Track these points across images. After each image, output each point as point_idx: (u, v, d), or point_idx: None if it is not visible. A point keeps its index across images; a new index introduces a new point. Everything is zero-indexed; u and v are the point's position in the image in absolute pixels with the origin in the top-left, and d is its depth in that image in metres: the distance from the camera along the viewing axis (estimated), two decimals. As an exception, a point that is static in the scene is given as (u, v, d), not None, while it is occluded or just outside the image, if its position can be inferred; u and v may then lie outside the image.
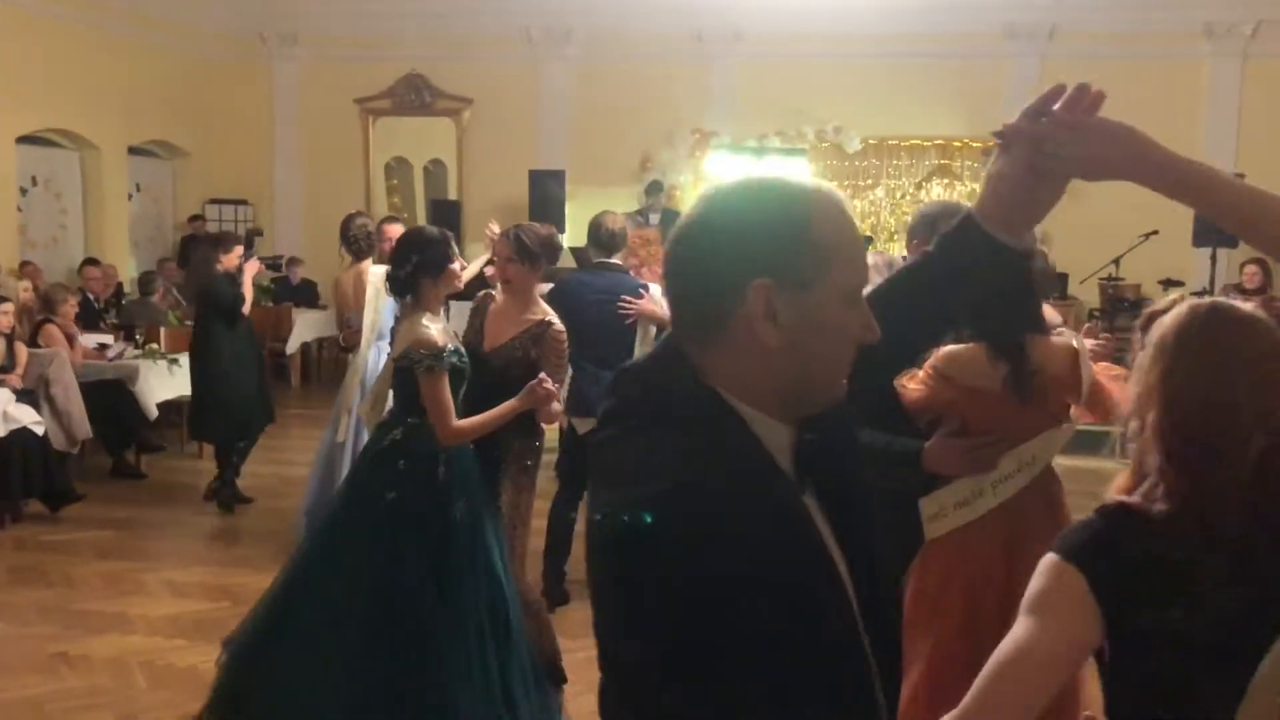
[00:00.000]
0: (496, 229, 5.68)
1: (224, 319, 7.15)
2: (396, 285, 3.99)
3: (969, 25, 12.29)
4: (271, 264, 8.86)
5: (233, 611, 5.35)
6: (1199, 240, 10.81)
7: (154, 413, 7.98)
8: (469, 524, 3.88)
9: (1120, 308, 10.95)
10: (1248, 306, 1.88)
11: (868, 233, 12.11)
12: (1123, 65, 11.95)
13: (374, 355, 5.96)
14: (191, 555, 6.28)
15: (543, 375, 3.96)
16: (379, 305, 5.98)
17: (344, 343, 6.57)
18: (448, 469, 3.89)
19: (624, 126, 13.06)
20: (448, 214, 11.48)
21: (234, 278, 7.20)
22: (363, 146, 14.01)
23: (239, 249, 7.38)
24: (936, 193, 12.69)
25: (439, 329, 3.93)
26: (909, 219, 3.48)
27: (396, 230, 6.31)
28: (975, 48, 12.35)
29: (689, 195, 12.45)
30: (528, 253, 4.12)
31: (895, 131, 12.72)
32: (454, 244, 4.15)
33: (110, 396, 7.82)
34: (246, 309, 7.26)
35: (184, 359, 8.04)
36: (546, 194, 11.89)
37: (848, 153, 12.69)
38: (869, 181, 12.79)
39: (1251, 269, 9.28)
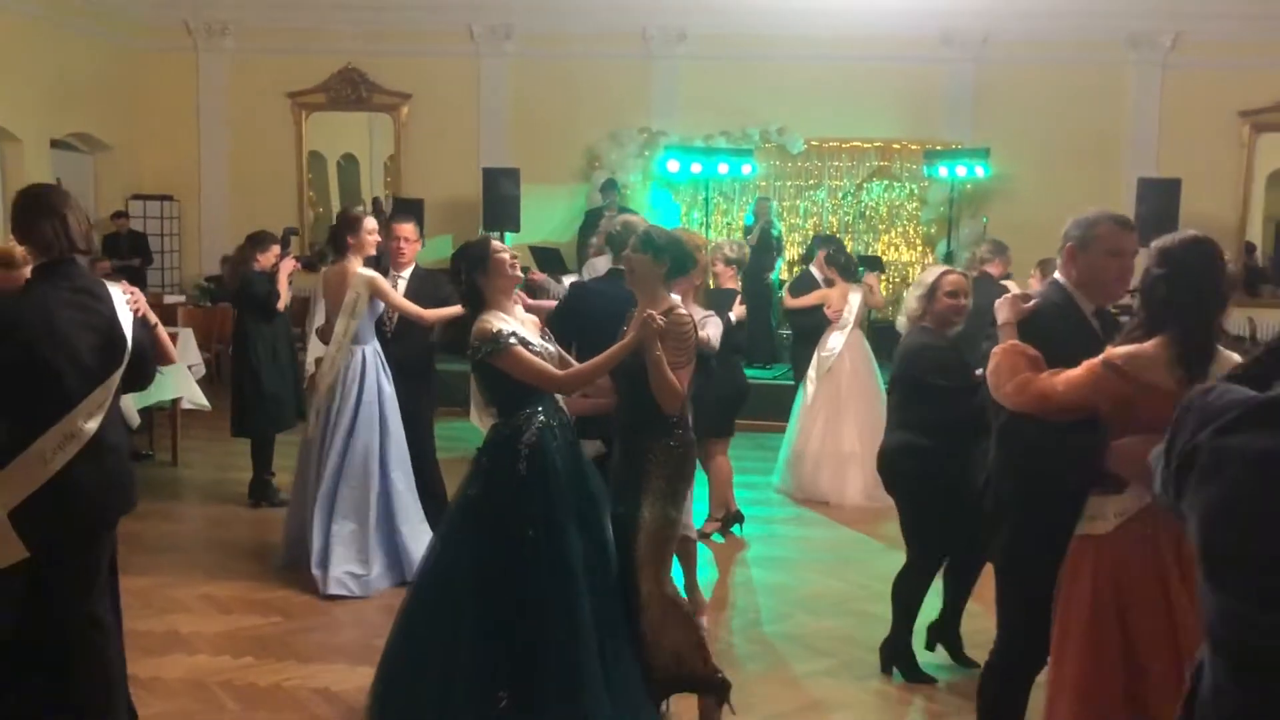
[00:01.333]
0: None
1: (260, 315, 7.29)
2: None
3: (907, 30, 12.64)
4: (308, 262, 8.74)
5: (288, 626, 5.25)
6: (1143, 239, 11.33)
7: (136, 419, 7.68)
8: (552, 524, 3.86)
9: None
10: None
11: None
12: (1051, 71, 12.52)
13: (354, 359, 5.76)
14: (216, 568, 6.07)
15: (652, 313, 3.91)
16: (359, 309, 5.70)
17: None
18: (529, 465, 3.89)
19: (568, 124, 13.07)
20: (411, 212, 11.26)
21: (270, 275, 7.28)
22: (295, 141, 13.67)
23: (275, 248, 7.45)
24: (877, 193, 13.03)
25: (499, 319, 3.94)
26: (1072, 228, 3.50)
27: (410, 230, 6.17)
28: (913, 52, 12.71)
29: (639, 194, 12.52)
30: (654, 246, 4.10)
31: (836, 133, 13.02)
32: (493, 243, 4.18)
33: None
34: (282, 305, 7.31)
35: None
36: (500, 192, 11.80)
37: (792, 154, 12.91)
38: (812, 182, 13.04)
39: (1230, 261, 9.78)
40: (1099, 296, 3.46)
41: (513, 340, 3.88)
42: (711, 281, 7.03)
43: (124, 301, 3.57)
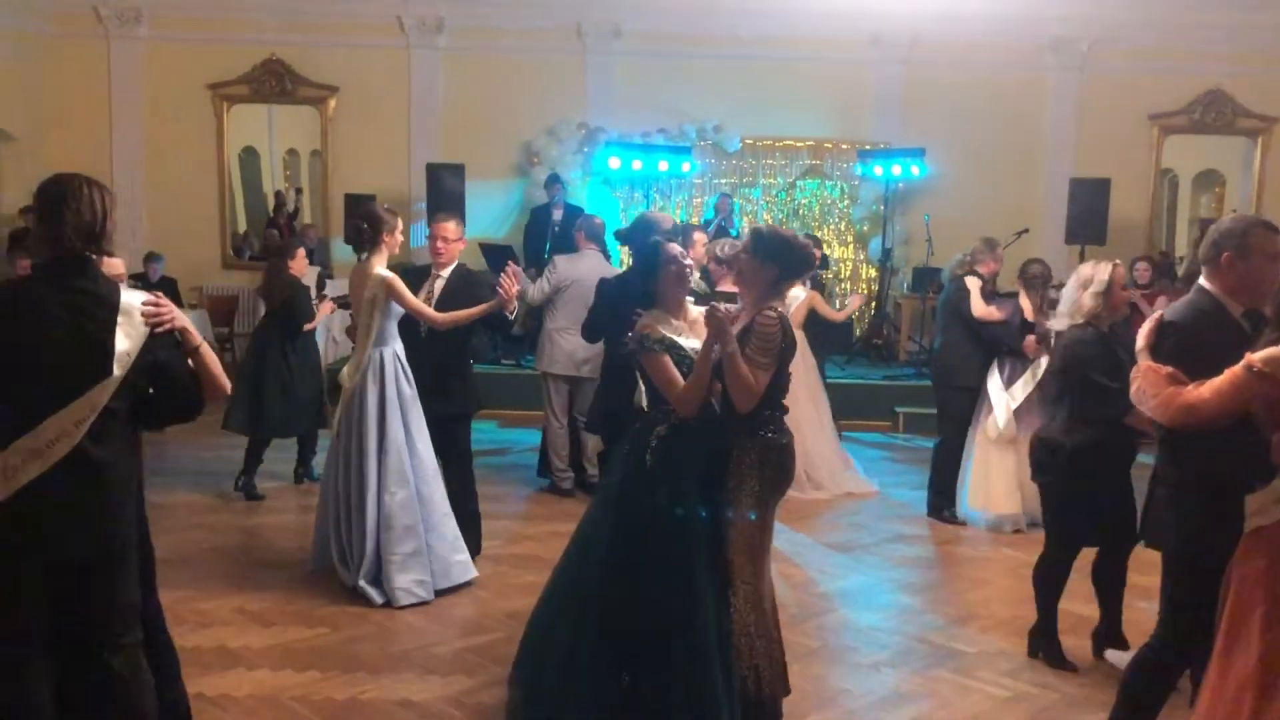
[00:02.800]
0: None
1: (294, 328, 7.55)
2: (648, 301, 4.14)
3: (837, 32, 12.89)
4: (342, 303, 8.59)
5: (338, 637, 5.09)
6: (1071, 238, 11.83)
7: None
8: (668, 516, 3.91)
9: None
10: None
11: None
12: (978, 74, 12.93)
13: (373, 362, 5.60)
14: (239, 579, 5.80)
15: (723, 306, 3.95)
16: (381, 309, 5.54)
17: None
18: (654, 458, 3.96)
19: (503, 119, 12.94)
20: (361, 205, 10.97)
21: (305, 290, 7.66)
22: (216, 134, 13.18)
23: (301, 251, 7.71)
24: (810, 191, 13.25)
25: (658, 320, 4.05)
26: (1213, 237, 3.64)
27: (451, 229, 6.01)
28: (843, 53, 12.97)
29: (578, 190, 12.46)
30: (764, 246, 4.08)
31: (770, 132, 13.18)
32: (667, 247, 4.16)
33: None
34: (308, 327, 7.70)
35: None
36: (444, 188, 11.59)
37: (728, 152, 13.03)
38: (747, 180, 13.18)
39: (1142, 265, 10.26)
40: (1251, 299, 3.58)
41: (657, 347, 3.98)
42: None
43: (136, 312, 3.20)
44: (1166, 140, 13.47)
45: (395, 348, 5.64)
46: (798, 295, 7.98)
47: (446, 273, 5.98)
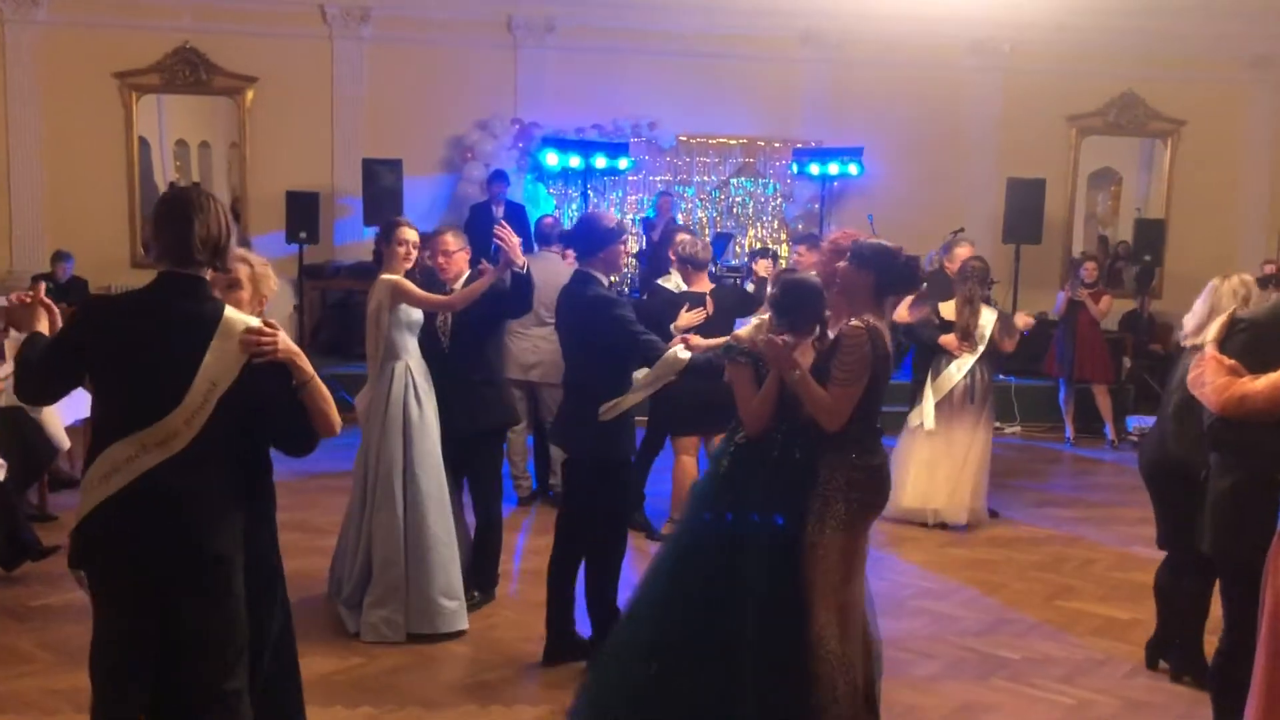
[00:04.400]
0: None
1: None
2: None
3: (768, 30, 12.88)
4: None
5: (376, 669, 4.81)
6: (1008, 237, 12.06)
7: (66, 442, 6.78)
8: (721, 531, 3.95)
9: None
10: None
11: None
12: (905, 74, 13.08)
13: (383, 377, 5.28)
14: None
15: (781, 338, 3.92)
16: (381, 320, 5.18)
17: None
18: (730, 463, 4.08)
19: (431, 113, 12.55)
20: (305, 206, 10.51)
21: None
22: (124, 126, 12.43)
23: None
24: (746, 188, 13.23)
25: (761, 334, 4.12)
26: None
27: (450, 241, 5.66)
28: (774, 52, 12.95)
29: (515, 187, 12.17)
30: (862, 253, 3.98)
31: (704, 130, 13.10)
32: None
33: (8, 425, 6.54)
34: None
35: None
36: (380, 184, 11.16)
37: (662, 149, 12.91)
38: (682, 178, 13.07)
39: (1090, 265, 10.49)
40: None
41: (742, 359, 4.09)
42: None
43: (235, 337, 2.98)
44: (1084, 141, 13.84)
45: (409, 362, 5.25)
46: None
47: (459, 285, 5.66)
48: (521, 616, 5.45)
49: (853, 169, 12.30)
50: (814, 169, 12.37)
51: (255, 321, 3.04)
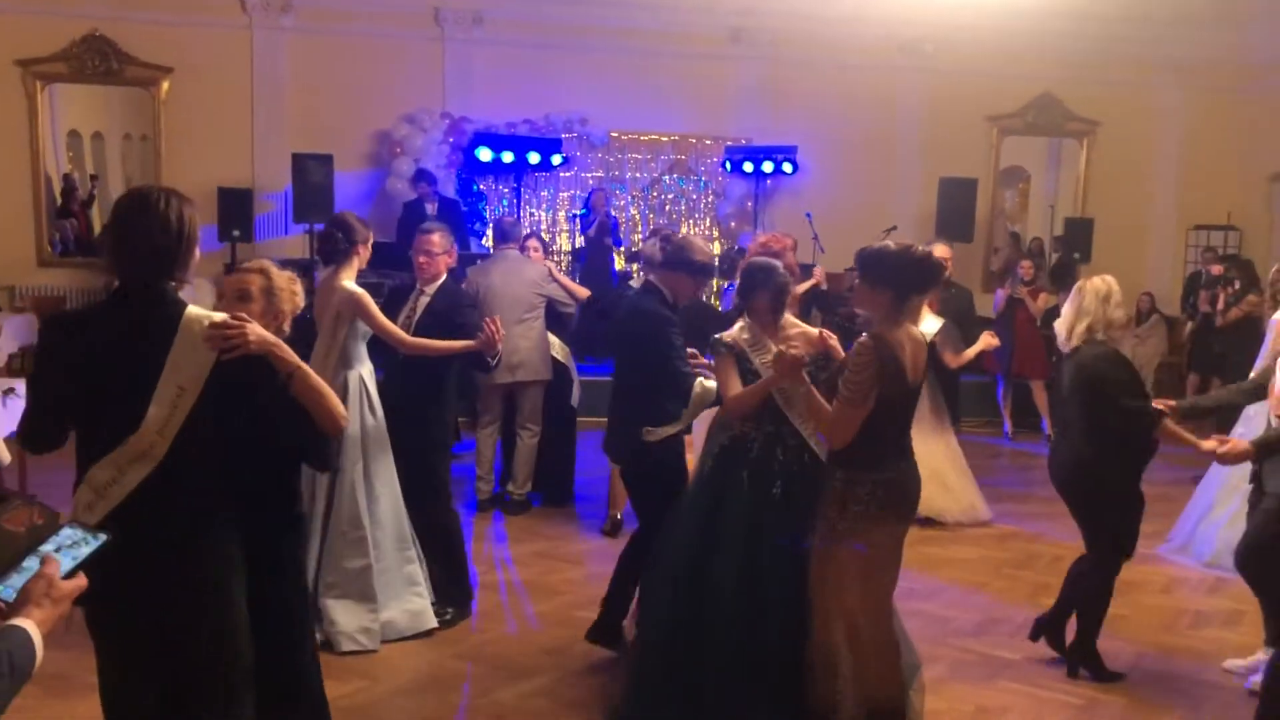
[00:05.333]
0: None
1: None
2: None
3: (698, 27, 12.85)
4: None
5: (379, 691, 4.59)
6: (941, 236, 12.18)
7: (6, 456, 6.34)
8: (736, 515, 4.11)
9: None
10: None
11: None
12: (834, 72, 13.17)
13: (339, 386, 5.06)
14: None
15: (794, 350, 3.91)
16: (346, 327, 4.97)
17: None
18: (755, 455, 4.19)
19: (356, 107, 12.21)
20: (237, 203, 10.07)
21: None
22: (28, 117, 11.80)
23: None
24: (679, 185, 13.15)
25: (737, 329, 4.29)
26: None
27: (436, 242, 5.42)
28: (705, 49, 12.91)
29: (446, 182, 11.89)
30: (867, 267, 3.91)
31: (636, 126, 12.98)
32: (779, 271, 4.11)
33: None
34: None
35: (20, 386, 6.49)
36: (310, 180, 10.77)
37: (595, 146, 12.75)
38: (615, 174, 12.94)
39: (1027, 263, 10.68)
40: None
41: (722, 349, 4.22)
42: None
43: (197, 333, 2.71)
44: (1005, 141, 14.11)
45: (362, 371, 5.07)
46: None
47: (431, 289, 5.45)
48: (517, 635, 5.27)
49: (787, 167, 12.31)
50: (747, 167, 12.35)
51: (219, 316, 2.76)
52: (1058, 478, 5.03)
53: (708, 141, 13.13)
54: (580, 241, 12.01)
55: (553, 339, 7.39)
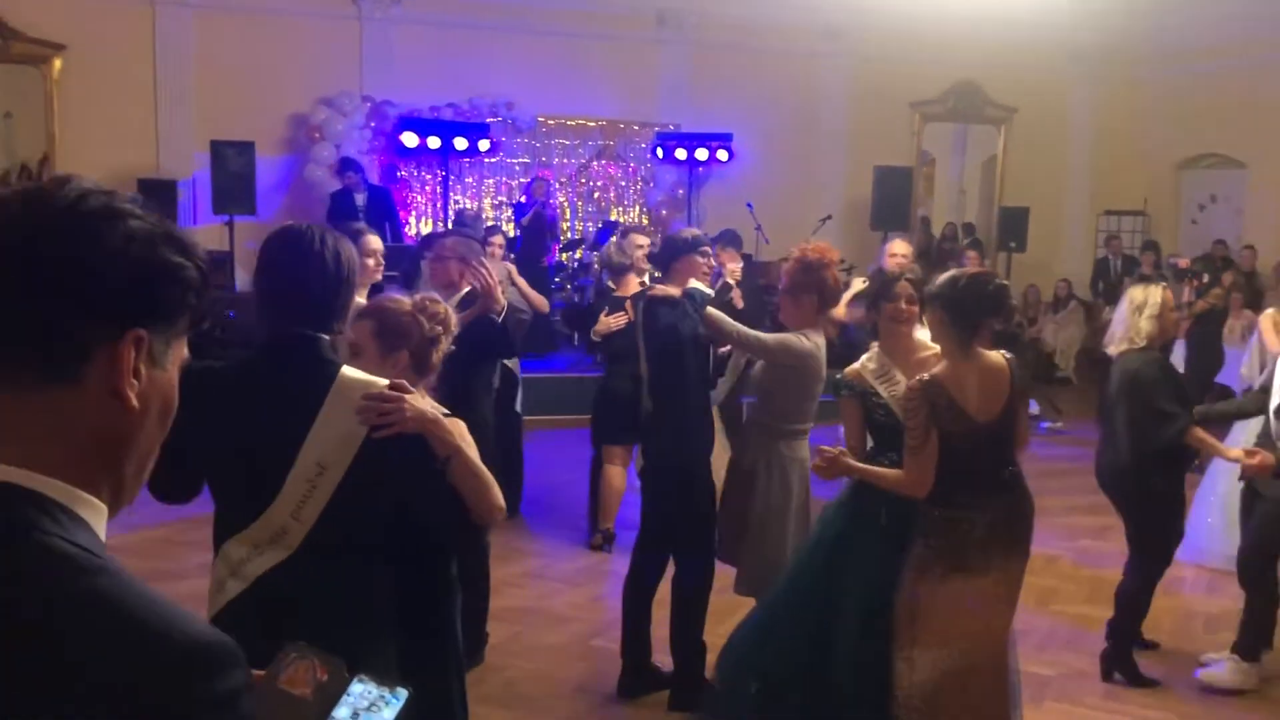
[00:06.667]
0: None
1: None
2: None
3: (625, 9, 12.52)
4: None
5: None
6: (875, 224, 12.14)
7: None
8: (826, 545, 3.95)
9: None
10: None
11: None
12: (763, 57, 13.00)
13: None
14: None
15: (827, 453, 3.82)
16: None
17: None
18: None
19: (271, 90, 11.54)
20: (160, 196, 9.34)
21: None
22: (-96, 97, 10.81)
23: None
24: (608, 172, 12.82)
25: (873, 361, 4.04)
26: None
27: (450, 250, 5.08)
28: (632, 31, 12.60)
29: (369, 169, 11.32)
30: (931, 301, 3.83)
31: (562, 110, 12.59)
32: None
33: None
34: None
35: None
36: (229, 169, 10.09)
37: (521, 131, 12.32)
38: (542, 160, 12.53)
39: (973, 254, 10.63)
40: None
41: (845, 392, 4.01)
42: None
43: (348, 404, 2.32)
44: (927, 128, 14.16)
45: None
46: None
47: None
48: (522, 676, 4.94)
49: (722, 155, 12.09)
50: (680, 154, 12.09)
51: (381, 383, 2.36)
52: (1102, 480, 5.11)
53: (636, 127, 12.82)
54: (514, 231, 11.59)
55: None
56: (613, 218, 12.63)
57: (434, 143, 11.22)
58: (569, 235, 12.39)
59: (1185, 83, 13.61)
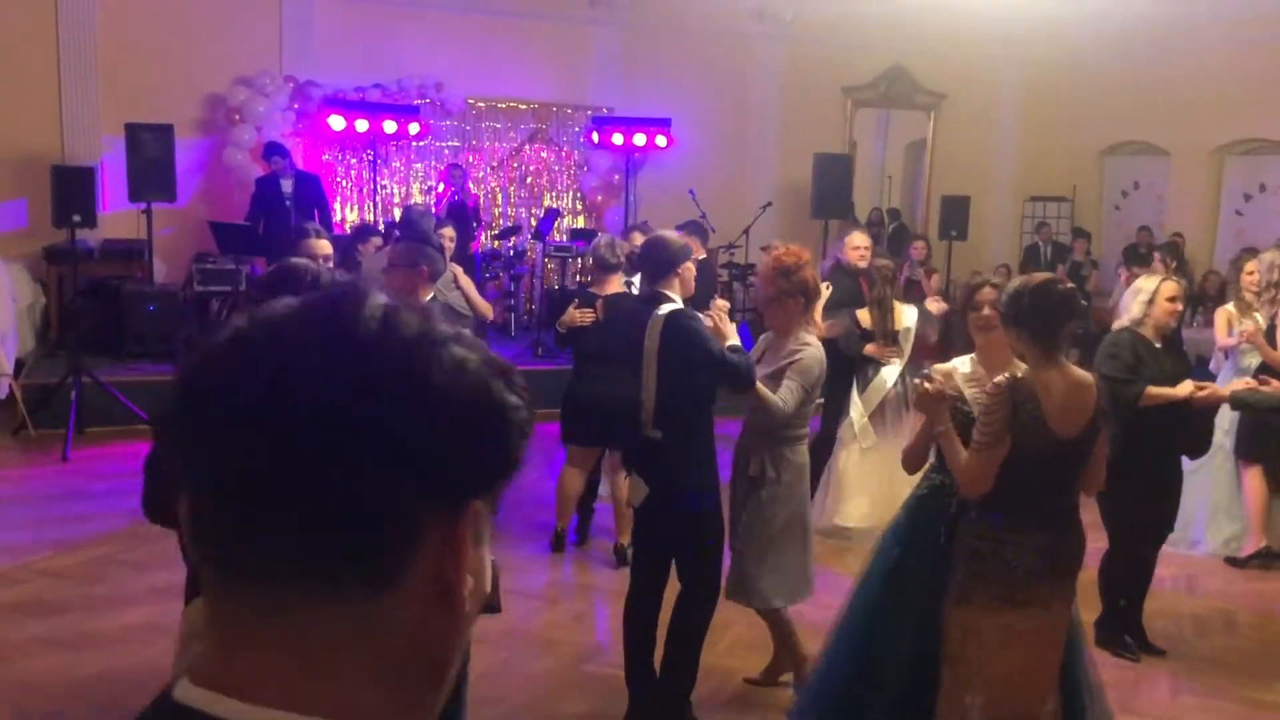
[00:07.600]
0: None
1: None
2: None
3: (555, -13, 12.12)
4: None
5: None
6: (817, 213, 11.96)
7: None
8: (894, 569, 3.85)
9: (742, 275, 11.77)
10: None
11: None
12: (696, 41, 12.74)
13: None
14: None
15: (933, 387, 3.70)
16: None
17: None
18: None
19: (183, 68, 10.88)
20: (75, 183, 8.67)
21: None
22: None
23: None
24: (540, 156, 12.42)
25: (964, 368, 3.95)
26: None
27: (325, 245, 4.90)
28: (563, 11, 12.20)
29: (296, 154, 10.76)
30: (1005, 311, 3.61)
31: (494, 92, 12.14)
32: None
33: None
34: None
35: None
36: (146, 154, 9.43)
37: (451, 113, 11.85)
38: (473, 143, 12.07)
39: (920, 244, 10.56)
40: None
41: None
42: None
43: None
44: (859, 113, 14.04)
45: None
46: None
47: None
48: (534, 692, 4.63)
49: (660, 140, 11.79)
50: (617, 138, 11.75)
51: None
52: None
53: (569, 110, 12.44)
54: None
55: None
56: (546, 203, 12.25)
57: (362, 126, 10.71)
58: (501, 223, 11.98)
59: (1112, 69, 13.71)
